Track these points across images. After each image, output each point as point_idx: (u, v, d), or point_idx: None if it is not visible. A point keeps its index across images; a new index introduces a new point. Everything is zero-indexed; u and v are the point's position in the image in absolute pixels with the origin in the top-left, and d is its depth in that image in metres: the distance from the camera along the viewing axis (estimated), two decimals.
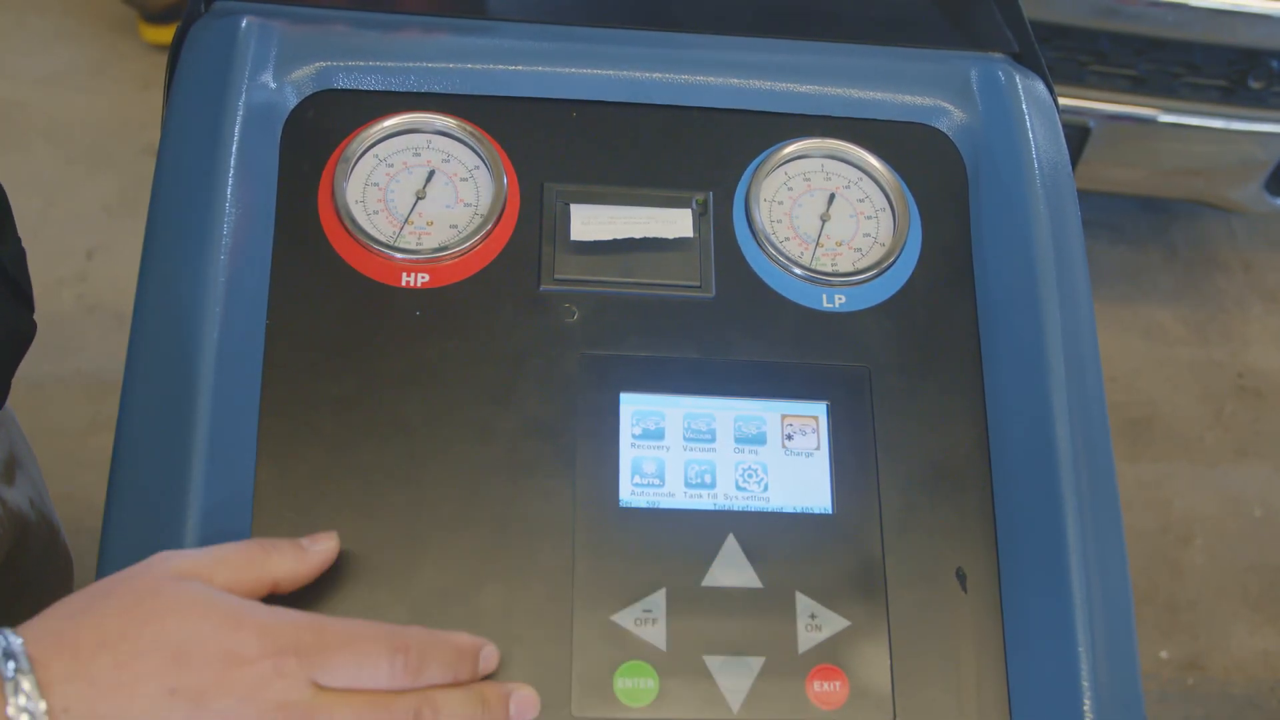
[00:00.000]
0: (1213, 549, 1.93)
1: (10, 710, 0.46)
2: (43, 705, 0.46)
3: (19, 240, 0.77)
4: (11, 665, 0.47)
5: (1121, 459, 1.97)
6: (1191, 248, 2.27)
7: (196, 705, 0.48)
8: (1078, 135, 1.80)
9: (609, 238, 0.65)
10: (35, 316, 0.79)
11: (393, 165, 0.67)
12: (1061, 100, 1.75)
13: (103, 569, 0.57)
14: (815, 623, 0.60)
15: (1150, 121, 1.81)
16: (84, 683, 0.47)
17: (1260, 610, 1.88)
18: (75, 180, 2.07)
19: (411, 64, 0.68)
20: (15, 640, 0.48)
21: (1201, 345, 2.14)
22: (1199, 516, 1.96)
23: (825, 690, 0.59)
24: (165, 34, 2.23)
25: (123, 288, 1.96)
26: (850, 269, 0.67)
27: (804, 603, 0.60)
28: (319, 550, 0.56)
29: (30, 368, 0.78)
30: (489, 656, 0.55)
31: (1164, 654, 1.82)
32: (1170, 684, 1.79)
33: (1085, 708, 0.57)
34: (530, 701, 0.55)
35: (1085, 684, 0.58)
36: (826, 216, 0.69)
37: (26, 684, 0.46)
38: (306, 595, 0.57)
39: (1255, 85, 1.77)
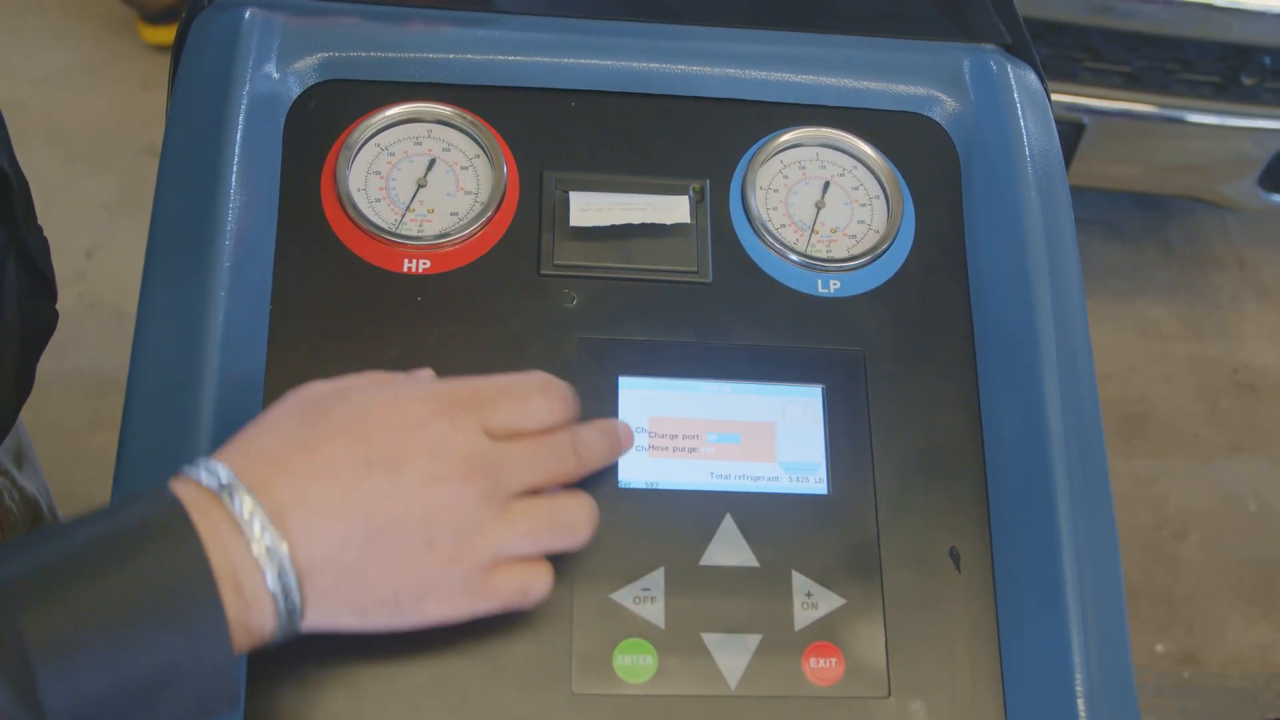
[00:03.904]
0: (1208, 544, 1.94)
1: (242, 520, 0.48)
2: (259, 505, 0.48)
3: (41, 230, 0.78)
4: (216, 481, 0.49)
5: (1117, 454, 1.98)
6: (1187, 244, 2.28)
7: (394, 471, 0.51)
8: (1072, 132, 1.81)
9: (607, 224, 0.66)
10: None
11: (394, 154, 0.68)
12: (1056, 97, 1.75)
13: None
14: (811, 601, 0.61)
15: (1144, 118, 1.82)
16: (285, 477, 0.49)
17: (1255, 604, 1.89)
18: (75, 180, 2.08)
19: (412, 54, 0.69)
20: (212, 462, 0.50)
21: (1197, 341, 2.15)
22: (1194, 511, 1.97)
23: (821, 667, 0.60)
24: (164, 34, 2.24)
25: (122, 286, 1.96)
26: (845, 255, 0.68)
27: (800, 581, 0.61)
28: None
29: None
30: (571, 391, 0.59)
31: (1160, 648, 1.83)
32: (1166, 677, 1.80)
33: (1076, 682, 0.58)
34: (628, 431, 0.61)
35: (1076, 659, 0.58)
36: (821, 204, 0.70)
37: (245, 498, 0.48)
38: None
39: (1248, 81, 1.78)
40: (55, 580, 0.44)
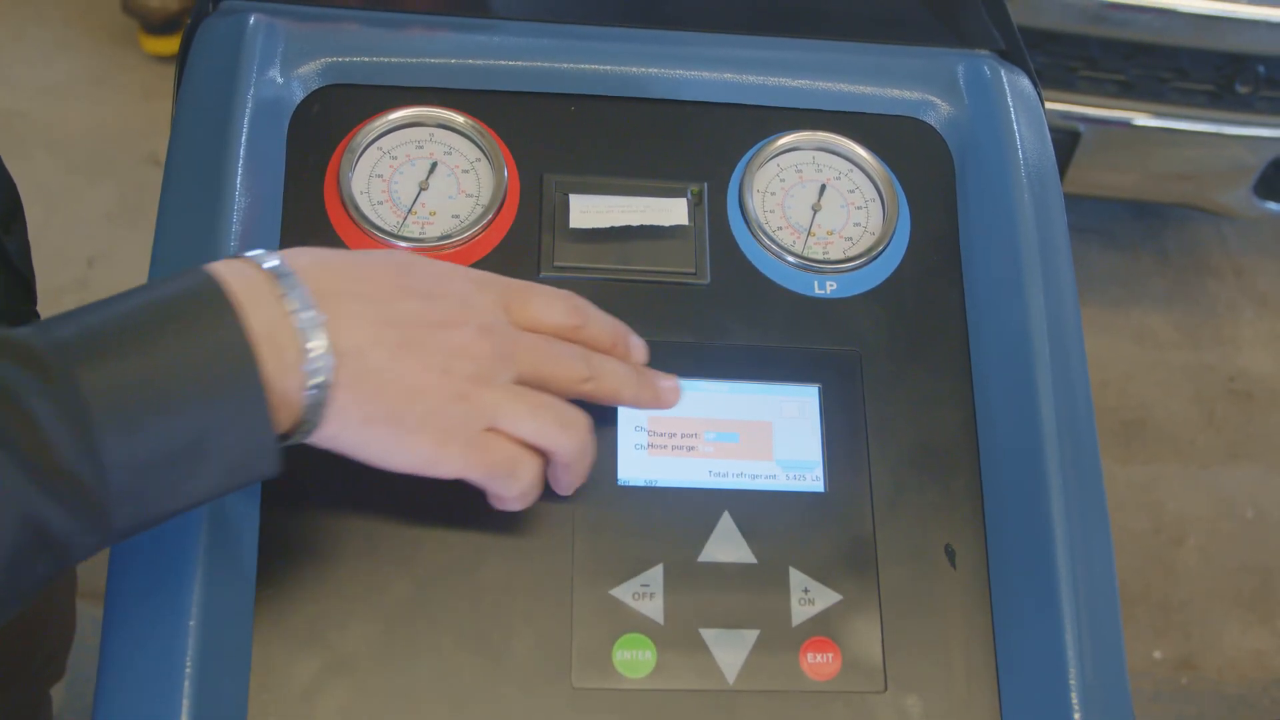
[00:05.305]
0: (1205, 550, 1.94)
1: (284, 292, 0.50)
2: (303, 284, 0.50)
3: (25, 232, 0.79)
4: (261, 254, 0.51)
5: (1114, 461, 1.99)
6: (1183, 253, 2.29)
7: (426, 299, 0.54)
8: (1068, 140, 1.82)
9: (607, 226, 0.67)
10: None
11: (396, 157, 0.68)
12: (1051, 105, 1.76)
13: (112, 564, 0.58)
14: (808, 597, 0.62)
15: (1139, 126, 1.83)
16: (331, 273, 0.52)
17: (1253, 610, 1.89)
18: (76, 189, 2.09)
19: (414, 60, 0.70)
20: (259, 250, 0.52)
21: (1193, 349, 2.16)
22: (1191, 518, 1.97)
23: (818, 662, 0.61)
24: (166, 44, 2.25)
25: None
26: (841, 257, 0.69)
27: (797, 578, 0.62)
28: None
29: None
30: (638, 345, 0.62)
31: (1158, 654, 1.83)
32: (1164, 683, 1.81)
33: (1070, 676, 0.59)
34: (675, 391, 0.62)
35: (1071, 654, 0.59)
36: (818, 206, 0.71)
37: (291, 274, 0.51)
38: (313, 571, 0.59)
39: (1242, 90, 1.79)
40: (106, 341, 0.46)
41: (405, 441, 0.53)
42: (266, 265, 0.51)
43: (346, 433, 0.52)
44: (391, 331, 0.52)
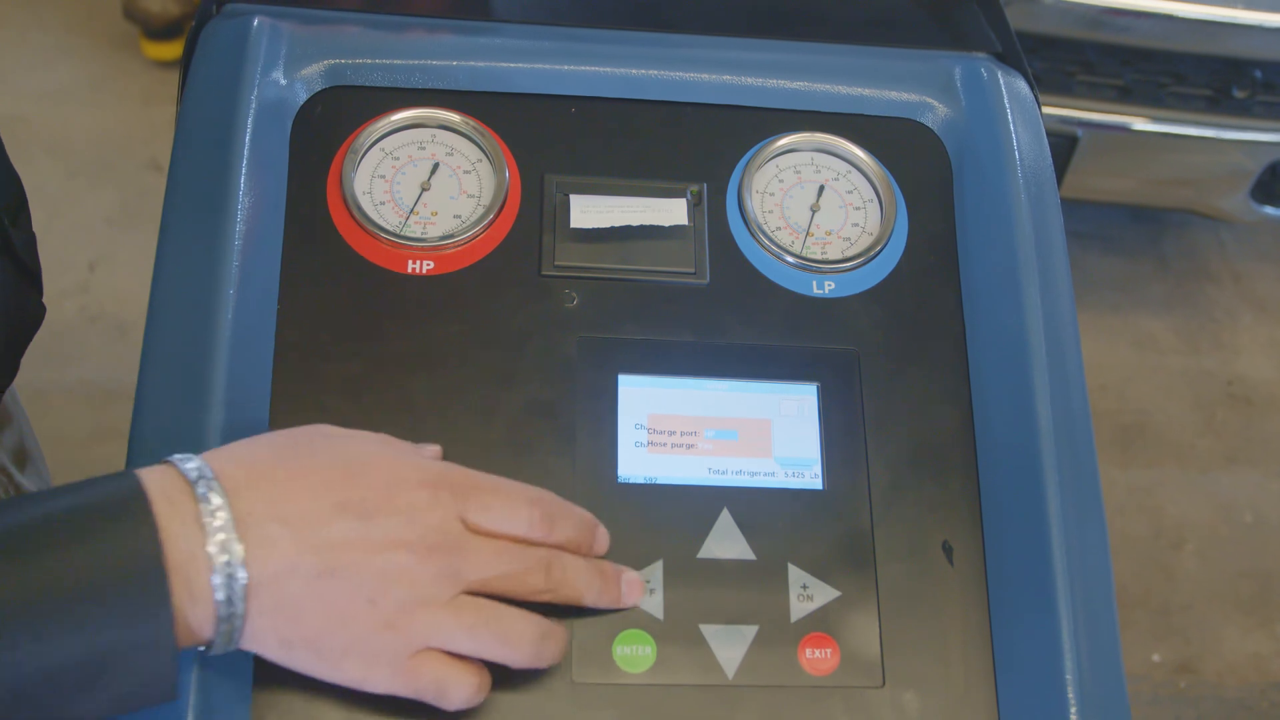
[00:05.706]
0: (1204, 554, 1.95)
1: (205, 517, 0.49)
2: (228, 506, 0.49)
3: (30, 225, 0.79)
4: (195, 469, 0.50)
5: (1114, 466, 1.99)
6: (1182, 258, 2.30)
7: (363, 519, 0.52)
8: (1066, 145, 1.82)
9: (607, 226, 0.68)
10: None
11: (399, 158, 0.69)
12: (1050, 110, 1.77)
13: None
14: (807, 593, 0.62)
15: (1137, 131, 1.83)
16: (264, 487, 0.51)
17: (1251, 614, 1.90)
18: (77, 193, 2.10)
19: (416, 61, 0.70)
20: (196, 460, 0.51)
21: (1192, 354, 2.17)
22: (1191, 522, 1.98)
23: (817, 657, 0.61)
24: (167, 50, 2.26)
25: (124, 298, 1.98)
26: (839, 257, 0.70)
27: (796, 574, 0.62)
28: None
29: (33, 376, 0.80)
30: (603, 536, 0.60)
31: (1156, 657, 1.83)
32: (1163, 687, 1.81)
33: (1066, 671, 0.59)
34: (638, 586, 0.60)
35: (1066, 649, 0.59)
36: (816, 207, 0.71)
37: (216, 496, 0.49)
38: None
39: (1239, 94, 1.80)
40: (5, 552, 0.45)
41: (328, 665, 0.52)
42: (194, 478, 0.49)
43: (265, 651, 0.52)
44: (314, 558, 0.50)
